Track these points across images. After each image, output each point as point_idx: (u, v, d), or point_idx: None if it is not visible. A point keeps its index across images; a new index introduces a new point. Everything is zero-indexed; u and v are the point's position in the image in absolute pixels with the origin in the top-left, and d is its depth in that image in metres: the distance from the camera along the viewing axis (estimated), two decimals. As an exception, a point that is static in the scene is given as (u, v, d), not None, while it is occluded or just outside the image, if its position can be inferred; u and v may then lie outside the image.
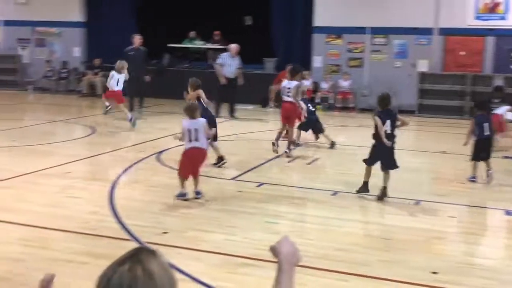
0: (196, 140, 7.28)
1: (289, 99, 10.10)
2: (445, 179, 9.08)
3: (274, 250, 2.00)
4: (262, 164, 9.66)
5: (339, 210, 7.12)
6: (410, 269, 5.28)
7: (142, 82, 14.89)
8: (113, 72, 13.30)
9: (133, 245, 1.31)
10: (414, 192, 8.05)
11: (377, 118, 7.51)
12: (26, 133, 11.97)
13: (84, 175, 8.83)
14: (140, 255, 1.52)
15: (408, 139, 13.59)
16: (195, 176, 7.44)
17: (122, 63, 13.35)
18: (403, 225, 6.54)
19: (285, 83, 10.30)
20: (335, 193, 7.88)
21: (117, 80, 13.16)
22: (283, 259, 1.95)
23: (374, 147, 7.68)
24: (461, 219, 7.16)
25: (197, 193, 7.42)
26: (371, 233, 6.25)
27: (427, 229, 6.45)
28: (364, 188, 7.72)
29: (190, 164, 7.36)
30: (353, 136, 13.39)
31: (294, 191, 8.03)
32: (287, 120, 10.26)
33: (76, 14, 20.05)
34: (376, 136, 7.56)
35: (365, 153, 10.75)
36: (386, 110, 7.65)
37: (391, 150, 7.55)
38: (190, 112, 7.37)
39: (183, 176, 7.36)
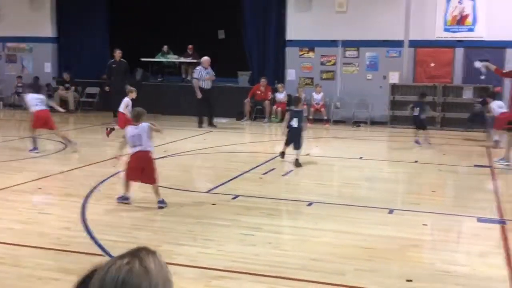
0: (140, 144, 7.44)
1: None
2: (417, 188, 9.20)
3: None
4: (237, 176, 9.63)
5: (314, 221, 7.12)
6: (385, 278, 5.29)
7: (124, 94, 14.89)
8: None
9: (105, 260, 1.30)
10: (387, 201, 8.13)
11: (287, 114, 10.84)
12: (-4, 149, 11.76)
13: (56, 191, 8.69)
14: (140, 253, 1.60)
15: (380, 150, 13.71)
16: (152, 182, 7.54)
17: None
18: (377, 234, 6.56)
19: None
20: (310, 203, 7.89)
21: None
22: None
23: (288, 132, 10.61)
24: (434, 226, 7.22)
25: (160, 202, 7.51)
26: (347, 243, 6.25)
27: (401, 237, 6.49)
28: (282, 155, 10.76)
29: (138, 167, 7.50)
30: (327, 147, 13.46)
31: (269, 202, 8.00)
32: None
33: (47, 29, 19.86)
34: (287, 126, 10.62)
35: (340, 164, 10.85)
36: (296, 110, 10.67)
37: (299, 135, 10.47)
38: (135, 118, 7.60)
39: (129, 179, 7.55)
